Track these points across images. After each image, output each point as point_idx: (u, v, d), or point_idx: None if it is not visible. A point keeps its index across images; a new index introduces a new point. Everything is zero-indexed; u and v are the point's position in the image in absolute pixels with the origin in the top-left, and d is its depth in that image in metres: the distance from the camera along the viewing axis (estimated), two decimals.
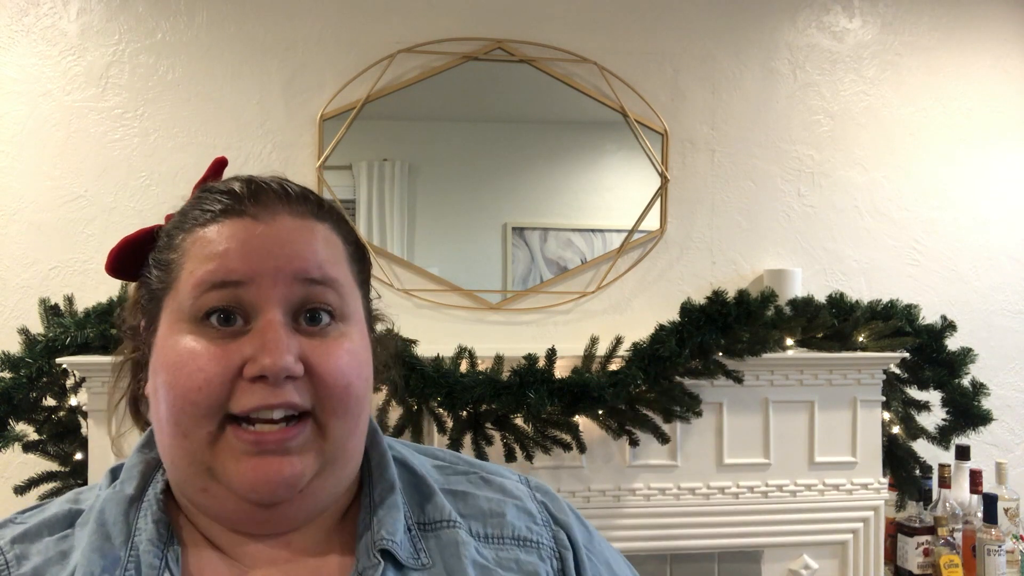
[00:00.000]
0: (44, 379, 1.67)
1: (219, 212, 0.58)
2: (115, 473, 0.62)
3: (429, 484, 0.65)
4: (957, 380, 1.93)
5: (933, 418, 1.98)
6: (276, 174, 0.62)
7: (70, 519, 0.59)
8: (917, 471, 1.91)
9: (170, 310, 0.57)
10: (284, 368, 0.53)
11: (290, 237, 0.57)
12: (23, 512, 0.61)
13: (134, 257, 0.62)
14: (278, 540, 0.58)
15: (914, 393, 2.01)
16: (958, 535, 1.85)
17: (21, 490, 1.71)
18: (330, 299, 0.57)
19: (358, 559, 0.58)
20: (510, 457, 1.70)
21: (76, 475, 1.73)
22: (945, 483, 1.89)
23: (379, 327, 0.68)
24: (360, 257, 0.64)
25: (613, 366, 1.74)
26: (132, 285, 0.64)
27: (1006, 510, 1.88)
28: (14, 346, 1.69)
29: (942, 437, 1.96)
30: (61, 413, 1.75)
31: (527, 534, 0.64)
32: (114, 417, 0.66)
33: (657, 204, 2.19)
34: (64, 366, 1.66)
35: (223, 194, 0.59)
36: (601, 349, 1.77)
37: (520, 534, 0.64)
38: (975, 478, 1.91)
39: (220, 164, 0.66)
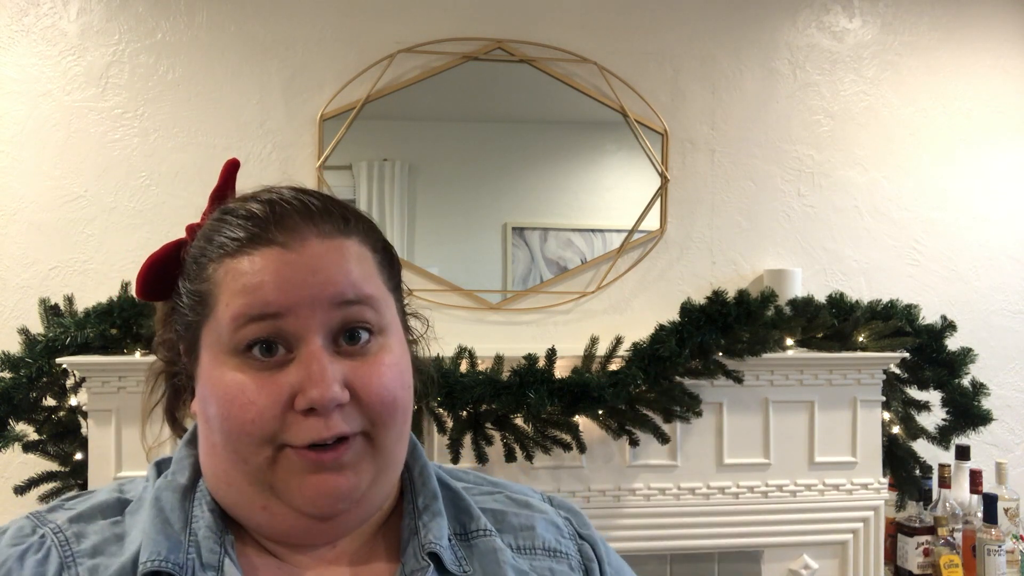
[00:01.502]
0: (44, 379, 1.67)
1: (246, 241, 0.57)
2: (160, 466, 0.64)
3: (465, 497, 0.67)
4: (957, 380, 1.93)
5: (933, 418, 1.98)
6: (289, 180, 0.62)
7: (120, 507, 0.61)
8: (917, 471, 1.91)
9: (210, 342, 0.58)
10: (332, 399, 0.54)
11: (322, 263, 0.57)
12: (69, 499, 0.62)
13: (162, 276, 0.62)
14: (325, 545, 0.61)
15: (914, 393, 2.01)
16: (958, 535, 1.85)
17: (21, 490, 1.71)
18: (368, 316, 0.58)
19: (405, 562, 0.60)
20: (510, 457, 1.70)
21: (76, 475, 1.73)
22: (945, 483, 1.89)
23: (412, 322, 0.70)
24: (390, 261, 0.65)
25: (613, 366, 1.74)
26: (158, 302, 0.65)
27: (1006, 510, 1.88)
28: (14, 346, 1.69)
29: (942, 437, 1.95)
30: (61, 413, 1.74)
31: (556, 546, 0.67)
32: (148, 425, 0.67)
33: (657, 204, 2.19)
34: (64, 366, 1.66)
35: (246, 219, 0.58)
36: (601, 349, 1.77)
37: (550, 546, 0.67)
38: (975, 478, 1.91)
39: (233, 167, 0.65)
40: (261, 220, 0.58)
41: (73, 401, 1.75)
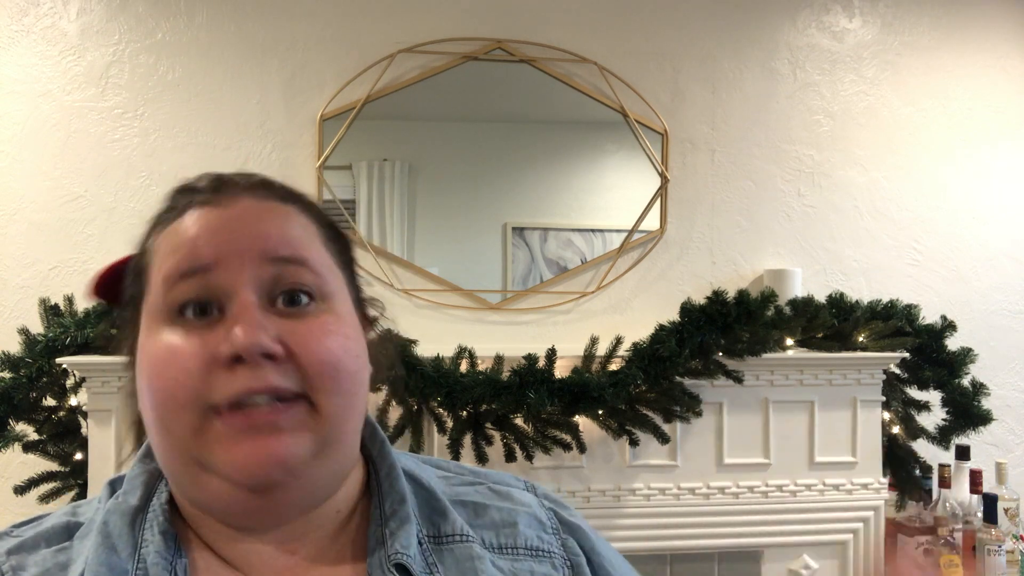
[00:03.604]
0: (44, 379, 1.67)
1: (183, 207, 0.57)
2: (114, 485, 0.61)
3: (439, 498, 0.64)
4: (957, 380, 1.93)
5: (933, 418, 1.98)
6: (288, 180, 0.62)
7: (68, 532, 0.58)
8: (917, 471, 1.91)
9: (146, 312, 0.56)
10: (257, 343, 0.50)
11: (255, 218, 0.56)
12: (19, 525, 0.60)
13: (117, 281, 0.62)
14: (285, 548, 0.57)
15: (914, 393, 2.01)
16: (958, 535, 1.85)
17: (21, 490, 1.71)
18: (305, 278, 0.56)
19: (371, 573, 0.57)
20: (510, 457, 1.70)
21: (76, 475, 1.72)
22: (945, 483, 1.89)
23: (371, 312, 0.67)
24: (336, 237, 0.63)
25: (613, 366, 1.74)
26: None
27: (1006, 510, 1.88)
28: (14, 346, 1.69)
29: (942, 437, 1.96)
30: (61, 413, 1.74)
31: (539, 544, 0.64)
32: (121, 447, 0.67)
33: (657, 204, 2.19)
34: (64, 366, 1.66)
35: (185, 191, 0.59)
36: (601, 349, 1.77)
37: (532, 544, 0.63)
38: (975, 478, 1.91)
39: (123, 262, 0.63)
40: (199, 188, 0.59)
41: (73, 401, 1.75)
